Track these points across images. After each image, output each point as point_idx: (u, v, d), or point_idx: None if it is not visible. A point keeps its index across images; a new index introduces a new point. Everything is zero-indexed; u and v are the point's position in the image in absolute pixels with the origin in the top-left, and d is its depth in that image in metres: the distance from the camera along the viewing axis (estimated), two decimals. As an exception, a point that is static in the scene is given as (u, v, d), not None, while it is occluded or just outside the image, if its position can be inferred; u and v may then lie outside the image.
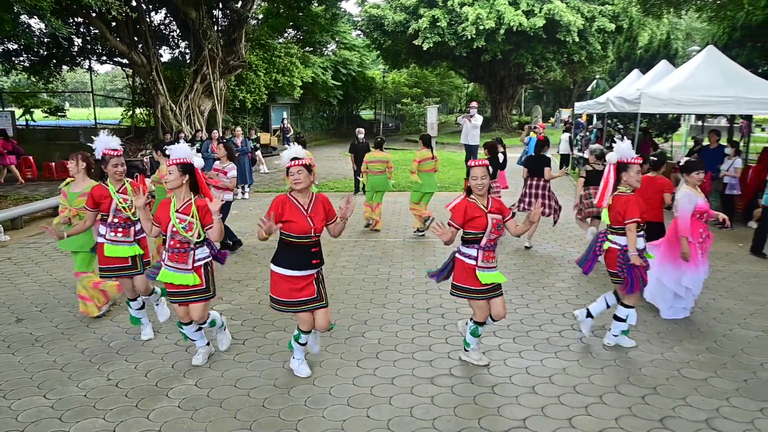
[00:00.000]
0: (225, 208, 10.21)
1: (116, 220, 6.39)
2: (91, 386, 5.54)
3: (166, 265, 5.56)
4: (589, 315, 6.49)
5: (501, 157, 12.24)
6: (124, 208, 6.39)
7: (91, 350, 6.37)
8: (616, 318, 6.24)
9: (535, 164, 10.80)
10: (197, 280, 5.55)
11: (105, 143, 6.57)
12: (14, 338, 6.74)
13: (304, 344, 5.65)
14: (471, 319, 5.83)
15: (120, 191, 6.47)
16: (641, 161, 6.19)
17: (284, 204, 5.26)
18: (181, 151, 5.63)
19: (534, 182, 10.77)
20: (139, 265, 6.47)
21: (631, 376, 5.67)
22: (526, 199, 10.75)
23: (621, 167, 6.16)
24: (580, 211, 10.10)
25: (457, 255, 5.67)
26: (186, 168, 5.59)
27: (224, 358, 6.15)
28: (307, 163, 5.27)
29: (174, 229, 5.47)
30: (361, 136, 16.60)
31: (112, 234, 6.37)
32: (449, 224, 5.45)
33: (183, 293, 5.57)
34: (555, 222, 10.97)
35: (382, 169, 12.08)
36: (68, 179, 7.46)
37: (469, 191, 5.58)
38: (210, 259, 5.75)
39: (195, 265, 5.56)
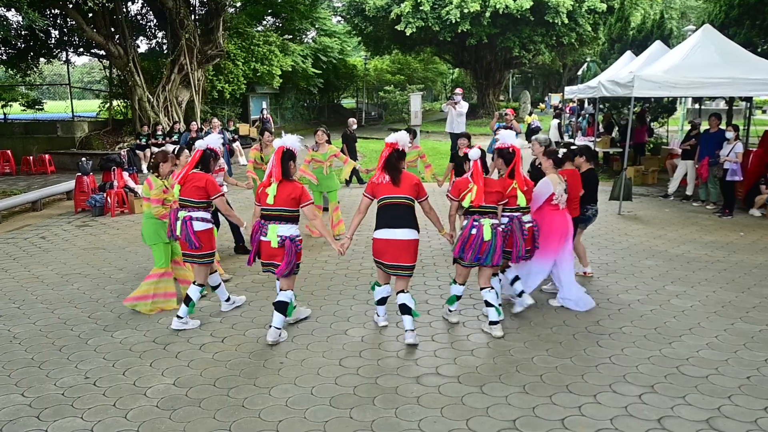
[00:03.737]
0: None
1: None
2: (68, 384, 5.49)
3: None
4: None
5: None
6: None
7: (68, 347, 6.32)
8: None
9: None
10: None
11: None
12: (-9, 336, 6.67)
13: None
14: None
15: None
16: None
17: None
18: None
19: None
20: None
21: (627, 374, 5.55)
22: None
23: None
24: None
25: None
26: None
27: (203, 356, 6.06)
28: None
29: None
30: (354, 126, 16.51)
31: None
32: None
33: None
34: None
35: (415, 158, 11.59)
36: None
37: None
38: None
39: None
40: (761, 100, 32.85)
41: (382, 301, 6.59)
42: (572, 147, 7.87)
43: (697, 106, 24.09)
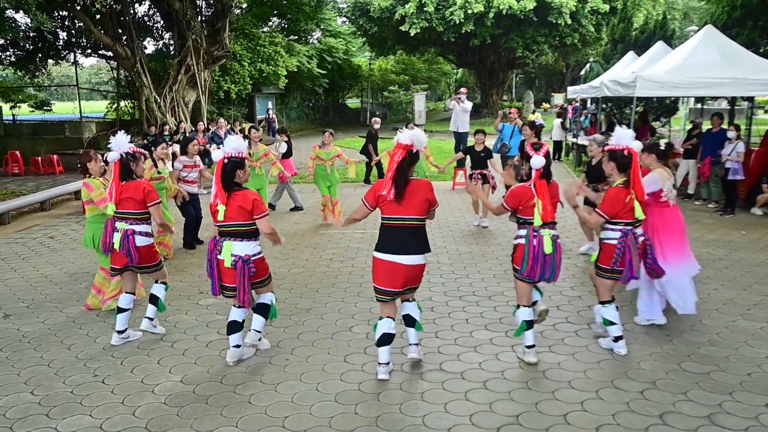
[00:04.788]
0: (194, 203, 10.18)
1: None
2: (77, 383, 5.50)
3: None
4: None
5: (285, 146, 12.98)
6: None
7: (77, 346, 6.33)
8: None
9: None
10: None
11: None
12: (1, 334, 6.70)
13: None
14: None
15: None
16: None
17: None
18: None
19: None
20: None
21: (629, 371, 5.55)
22: None
23: None
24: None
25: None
26: None
27: (210, 353, 6.09)
28: None
29: None
30: (377, 126, 16.64)
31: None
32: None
33: None
34: None
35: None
36: None
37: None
38: None
39: None
40: (763, 100, 32.76)
41: (385, 340, 5.41)
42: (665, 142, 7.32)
43: (699, 105, 24.08)
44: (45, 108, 29.00)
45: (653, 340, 6.24)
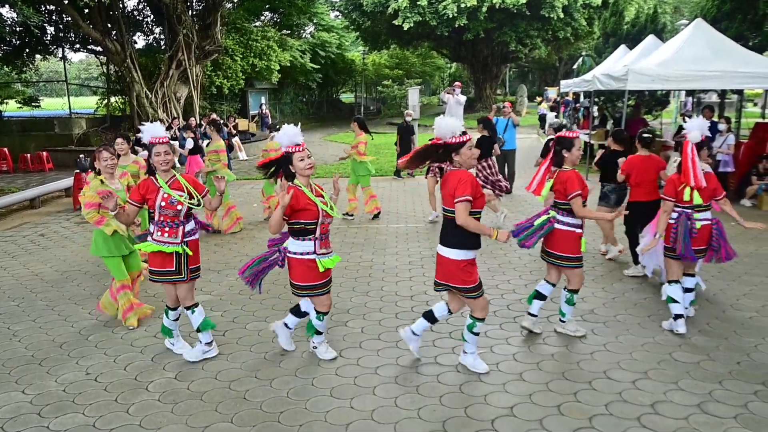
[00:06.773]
0: None
1: (162, 219, 5.58)
2: (69, 381, 5.47)
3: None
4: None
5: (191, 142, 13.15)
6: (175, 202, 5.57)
7: (69, 344, 6.29)
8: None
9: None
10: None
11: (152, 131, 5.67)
12: (-9, 334, 6.65)
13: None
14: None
15: (171, 185, 5.64)
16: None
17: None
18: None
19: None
20: (184, 270, 5.63)
21: (621, 361, 5.59)
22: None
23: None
24: None
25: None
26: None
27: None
28: None
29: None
30: (409, 119, 16.68)
31: (159, 234, 5.58)
32: None
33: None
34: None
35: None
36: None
37: None
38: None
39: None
40: (752, 93, 32.95)
41: (430, 317, 5.53)
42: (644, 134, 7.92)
43: (689, 98, 24.18)
44: (33, 104, 28.85)
45: (645, 330, 6.28)
